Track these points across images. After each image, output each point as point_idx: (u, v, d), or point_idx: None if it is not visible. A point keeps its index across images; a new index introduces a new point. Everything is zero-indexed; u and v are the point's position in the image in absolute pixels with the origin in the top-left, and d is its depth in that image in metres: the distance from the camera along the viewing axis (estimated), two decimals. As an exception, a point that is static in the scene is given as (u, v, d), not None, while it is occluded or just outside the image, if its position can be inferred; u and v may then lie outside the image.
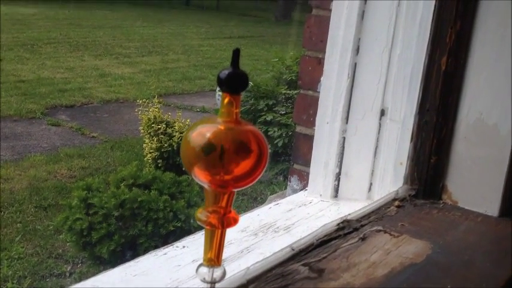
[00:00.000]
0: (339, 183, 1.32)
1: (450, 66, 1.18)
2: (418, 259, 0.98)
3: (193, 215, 3.64)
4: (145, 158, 5.39)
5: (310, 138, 1.36)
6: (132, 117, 7.25)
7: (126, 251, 3.89)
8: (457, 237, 1.10)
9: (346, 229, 1.05)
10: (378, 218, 1.12)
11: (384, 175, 1.27)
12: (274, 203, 1.28)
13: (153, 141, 5.26)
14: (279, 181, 5.72)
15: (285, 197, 1.40)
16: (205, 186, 0.70)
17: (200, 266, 0.73)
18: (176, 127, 5.30)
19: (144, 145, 5.43)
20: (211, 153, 0.67)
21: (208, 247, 0.72)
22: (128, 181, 4.12)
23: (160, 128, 5.28)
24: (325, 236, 1.00)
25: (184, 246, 1.01)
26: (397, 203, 1.19)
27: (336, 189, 1.32)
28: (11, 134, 6.96)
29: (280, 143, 5.55)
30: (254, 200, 5.56)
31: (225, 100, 0.68)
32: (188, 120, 5.55)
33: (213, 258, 0.73)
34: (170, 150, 5.22)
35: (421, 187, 1.24)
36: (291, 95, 5.79)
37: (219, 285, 0.74)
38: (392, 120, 1.25)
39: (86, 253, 4.09)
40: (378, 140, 1.28)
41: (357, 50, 1.27)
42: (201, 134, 0.68)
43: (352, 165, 1.31)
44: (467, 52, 1.19)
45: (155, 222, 3.90)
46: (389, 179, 1.26)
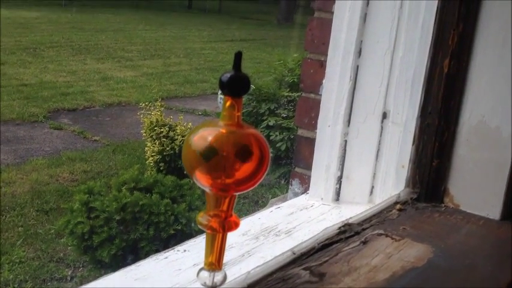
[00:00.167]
0: (340, 187, 1.32)
1: (452, 68, 1.18)
2: (419, 263, 0.97)
3: (194, 218, 3.63)
4: (147, 161, 5.40)
5: (311, 142, 1.36)
6: (134, 121, 7.26)
7: (127, 255, 3.89)
8: (459, 240, 1.09)
9: (347, 233, 1.04)
10: (379, 221, 1.12)
11: (386, 178, 1.26)
12: (275, 207, 1.28)
13: (155, 144, 5.27)
14: (281, 184, 5.72)
15: (286, 200, 1.39)
16: (207, 190, 0.69)
17: (201, 270, 0.73)
18: (178, 130, 5.31)
19: (146, 148, 5.44)
20: (212, 157, 0.67)
21: (209, 251, 0.72)
22: (130, 185, 4.12)
23: (162, 131, 5.29)
24: (326, 240, 1.00)
25: (185, 250, 1.01)
26: (398, 207, 1.19)
27: (338, 193, 1.32)
28: (13, 137, 6.98)
29: (282, 146, 5.55)
30: (255, 204, 5.55)
31: (227, 103, 0.68)
32: (190, 123, 5.56)
33: (214, 262, 0.72)
34: (172, 153, 5.23)
35: (422, 190, 1.23)
36: (292, 98, 5.80)
37: (220, 289, 0.74)
38: (394, 123, 1.25)
39: (87, 257, 4.09)
40: (379, 143, 1.28)
41: (359, 52, 1.27)
42: (203, 137, 0.68)
43: (353, 168, 1.30)
44: (469, 54, 1.18)
45: (156, 226, 3.90)
46: (391, 182, 1.25)
